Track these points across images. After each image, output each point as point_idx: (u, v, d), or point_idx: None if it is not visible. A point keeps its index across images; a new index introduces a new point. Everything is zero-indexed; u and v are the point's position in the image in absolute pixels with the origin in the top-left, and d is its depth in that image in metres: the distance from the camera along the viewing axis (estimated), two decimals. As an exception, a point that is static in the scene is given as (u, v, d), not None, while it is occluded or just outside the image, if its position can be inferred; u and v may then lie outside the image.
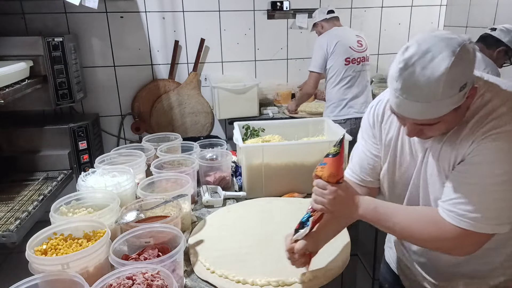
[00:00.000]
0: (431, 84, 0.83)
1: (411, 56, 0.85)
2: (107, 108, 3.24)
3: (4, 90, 2.00)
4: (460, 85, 0.84)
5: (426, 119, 0.90)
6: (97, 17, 3.01)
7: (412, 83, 0.85)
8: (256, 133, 2.04)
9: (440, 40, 0.85)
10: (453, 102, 0.86)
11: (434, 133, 0.96)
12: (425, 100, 0.86)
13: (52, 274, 1.00)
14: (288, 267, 1.19)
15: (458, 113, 0.91)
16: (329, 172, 1.04)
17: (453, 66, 0.82)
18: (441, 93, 0.84)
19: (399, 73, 0.87)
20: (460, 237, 0.93)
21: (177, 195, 1.35)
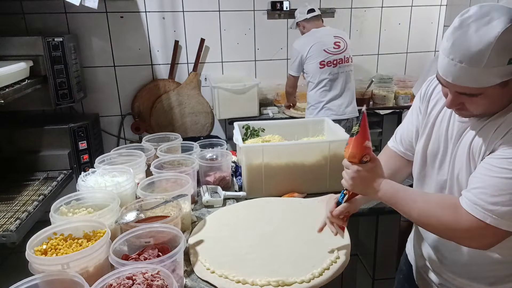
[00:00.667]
0: (481, 47, 0.82)
1: (469, 17, 0.85)
2: (107, 108, 3.24)
3: (4, 90, 2.00)
4: (510, 56, 0.82)
5: (468, 86, 0.88)
6: (97, 17, 3.01)
7: (462, 43, 0.84)
8: (256, 133, 2.04)
9: (503, 7, 0.83)
10: (499, 74, 0.84)
11: (475, 109, 0.93)
12: (471, 63, 0.84)
13: (52, 274, 1.00)
14: (288, 267, 1.19)
15: (503, 93, 0.88)
16: (350, 152, 1.07)
17: (507, 33, 0.80)
18: (488, 59, 0.82)
19: (452, 31, 0.86)
20: (476, 229, 0.91)
21: (177, 195, 1.35)
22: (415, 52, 3.63)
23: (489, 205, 0.89)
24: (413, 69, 3.65)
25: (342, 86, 2.85)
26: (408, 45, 3.60)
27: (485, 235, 0.91)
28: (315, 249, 1.28)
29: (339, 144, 1.69)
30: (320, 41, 2.79)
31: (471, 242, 0.96)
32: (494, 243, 0.94)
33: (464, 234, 0.95)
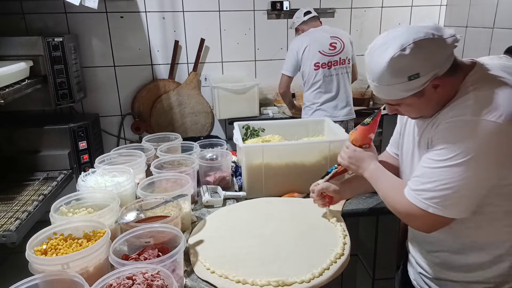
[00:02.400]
0: (380, 70, 0.98)
1: (373, 45, 1.03)
2: (107, 108, 3.24)
3: (4, 90, 2.00)
4: (408, 75, 0.95)
5: (387, 99, 1.06)
6: (97, 17, 3.02)
7: (370, 67, 1.02)
8: (256, 133, 2.04)
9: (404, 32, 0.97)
10: (404, 89, 0.98)
11: (408, 114, 1.11)
12: (379, 82, 1.01)
13: (52, 274, 1.00)
14: (288, 267, 1.19)
15: (423, 100, 1.01)
16: (354, 136, 1.29)
17: (397, 58, 0.95)
18: (388, 79, 0.98)
19: (366, 57, 1.04)
20: (412, 211, 1.03)
21: (177, 195, 1.35)
22: (415, 52, 3.63)
23: (420, 191, 1.01)
24: (413, 69, 3.65)
25: (337, 88, 2.83)
26: (408, 45, 3.60)
27: (420, 218, 1.03)
28: (315, 249, 1.28)
29: (339, 144, 1.69)
30: (315, 41, 2.77)
31: (412, 223, 1.11)
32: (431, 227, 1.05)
33: (405, 216, 1.09)
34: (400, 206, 1.08)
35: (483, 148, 0.93)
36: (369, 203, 1.61)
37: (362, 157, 1.26)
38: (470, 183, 0.95)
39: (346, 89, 2.88)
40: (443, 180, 0.96)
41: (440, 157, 0.97)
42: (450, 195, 0.96)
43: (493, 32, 2.87)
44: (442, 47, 0.96)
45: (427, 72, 0.95)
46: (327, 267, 1.19)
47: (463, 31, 3.27)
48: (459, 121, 0.95)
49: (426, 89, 0.98)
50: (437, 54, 0.96)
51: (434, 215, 0.99)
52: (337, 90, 2.84)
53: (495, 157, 0.94)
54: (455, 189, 0.96)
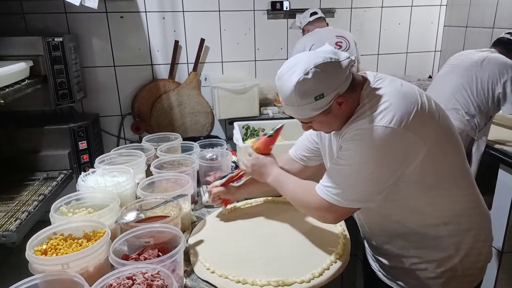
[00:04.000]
0: (289, 93, 1.08)
1: (282, 70, 1.12)
2: (107, 108, 3.24)
3: (4, 90, 1.99)
4: (314, 95, 1.06)
5: (300, 118, 1.16)
6: (97, 17, 3.01)
7: (281, 90, 1.12)
8: (256, 133, 2.04)
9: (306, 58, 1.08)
10: (313, 108, 1.09)
11: (321, 129, 1.21)
12: (289, 104, 1.11)
13: (52, 274, 1.00)
14: (288, 267, 1.19)
15: (331, 116, 1.12)
16: (257, 145, 1.41)
17: (302, 82, 1.05)
18: (298, 101, 1.08)
19: (276, 82, 1.14)
20: (322, 206, 1.15)
21: (177, 195, 1.35)
22: (415, 52, 3.63)
23: (327, 187, 1.14)
24: (413, 69, 3.65)
25: None
26: (408, 45, 3.60)
27: (329, 212, 1.15)
28: (315, 249, 1.28)
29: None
30: (321, 41, 2.77)
31: (319, 218, 1.23)
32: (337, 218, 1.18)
33: (314, 211, 1.22)
34: (311, 201, 1.19)
35: (378, 151, 1.05)
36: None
37: (264, 163, 1.38)
38: (370, 182, 1.08)
39: None
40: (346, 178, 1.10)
41: (344, 160, 1.10)
42: (350, 191, 1.10)
43: (493, 32, 2.87)
44: (339, 69, 1.07)
45: (330, 91, 1.06)
46: (327, 267, 1.19)
47: (463, 31, 3.27)
48: (359, 130, 1.07)
49: (332, 107, 1.09)
50: (336, 75, 1.07)
51: (339, 207, 1.12)
52: None
53: (390, 158, 1.06)
54: (357, 186, 1.09)
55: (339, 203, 1.12)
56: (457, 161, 1.17)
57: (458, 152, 1.17)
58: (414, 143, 1.05)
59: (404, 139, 1.05)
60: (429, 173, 1.10)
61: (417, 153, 1.06)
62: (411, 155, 1.06)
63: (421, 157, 1.06)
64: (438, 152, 1.09)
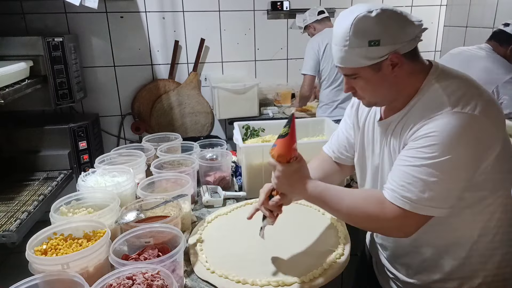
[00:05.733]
0: (343, 29, 0.97)
1: (343, 11, 1.01)
2: (107, 108, 3.24)
3: (4, 90, 2.00)
4: (369, 39, 0.95)
5: (344, 66, 1.02)
6: (97, 17, 3.01)
7: (336, 29, 1.01)
8: (256, 133, 2.04)
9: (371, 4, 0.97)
10: (364, 55, 0.96)
11: (363, 93, 1.06)
12: (339, 44, 0.99)
13: (52, 274, 1.00)
14: (288, 267, 1.19)
15: (379, 76, 0.99)
16: (278, 153, 1.10)
17: (360, 19, 0.95)
18: (350, 39, 0.96)
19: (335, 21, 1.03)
20: (399, 217, 0.97)
21: (177, 195, 1.35)
22: (415, 52, 3.62)
23: (406, 192, 0.96)
24: (413, 69, 3.65)
25: None
26: (408, 45, 3.60)
27: (407, 222, 0.98)
28: (315, 249, 1.28)
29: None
30: None
31: (397, 231, 1.03)
32: (415, 229, 1.00)
33: (390, 224, 1.01)
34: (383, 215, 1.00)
35: (464, 142, 0.92)
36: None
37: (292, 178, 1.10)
38: (454, 179, 0.94)
39: None
40: (428, 178, 0.93)
41: (422, 155, 0.94)
42: (436, 194, 0.94)
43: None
44: (406, 25, 0.97)
45: (388, 42, 0.95)
46: (327, 267, 1.19)
47: (463, 31, 3.27)
48: (437, 119, 0.93)
49: (383, 64, 0.97)
50: (401, 29, 0.97)
51: (418, 215, 0.96)
52: None
53: (475, 150, 0.94)
54: (441, 186, 0.94)
55: (420, 210, 0.95)
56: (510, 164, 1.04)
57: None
58: (494, 136, 0.95)
59: (486, 130, 0.93)
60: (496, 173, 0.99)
61: (495, 147, 0.96)
62: (490, 149, 0.95)
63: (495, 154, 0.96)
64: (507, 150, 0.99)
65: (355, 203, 1.05)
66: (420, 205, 0.95)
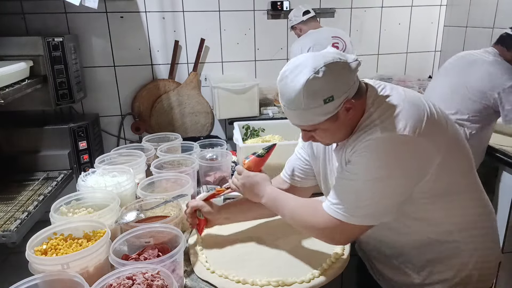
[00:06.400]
0: (296, 95, 0.98)
1: (285, 71, 1.02)
2: (107, 108, 3.24)
3: (4, 90, 1.99)
4: (323, 97, 0.97)
5: (303, 125, 1.06)
6: (97, 17, 3.01)
7: (284, 93, 1.01)
8: (256, 133, 2.04)
9: (312, 57, 1.00)
10: (320, 112, 0.99)
11: (323, 140, 1.11)
12: (294, 107, 1.01)
13: (52, 274, 1.00)
14: (288, 267, 1.19)
15: (337, 124, 1.03)
16: (247, 165, 1.29)
17: (312, 81, 0.96)
18: (305, 103, 0.98)
19: (278, 84, 1.04)
20: (331, 225, 1.05)
21: (177, 195, 1.35)
22: (415, 52, 3.62)
23: (336, 204, 1.04)
24: (413, 69, 3.64)
25: None
26: (408, 45, 3.60)
27: (339, 231, 1.06)
28: (315, 249, 1.28)
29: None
30: (318, 43, 2.75)
31: (328, 238, 1.11)
32: (348, 238, 1.11)
33: (322, 232, 1.10)
34: (317, 221, 1.09)
35: (394, 161, 0.98)
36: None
37: (256, 181, 1.24)
38: (386, 195, 1.01)
39: None
40: (359, 193, 1.01)
41: (355, 174, 1.02)
42: (364, 206, 1.02)
43: (493, 32, 2.87)
44: (349, 70, 1.00)
45: (340, 94, 0.98)
46: (327, 267, 1.19)
47: (463, 31, 3.27)
48: (370, 140, 0.99)
49: (340, 113, 1.01)
50: (346, 77, 1.00)
51: (350, 224, 1.03)
52: None
53: (406, 168, 0.99)
54: (372, 201, 1.01)
55: (351, 220, 1.03)
56: (467, 167, 1.12)
57: (468, 158, 1.12)
58: (429, 151, 0.99)
59: (419, 147, 0.98)
60: (444, 182, 1.04)
61: (433, 161, 1.00)
62: (427, 164, 1.00)
63: (436, 166, 1.01)
64: (451, 159, 1.03)
65: (296, 210, 1.16)
66: (352, 216, 1.02)
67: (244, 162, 1.30)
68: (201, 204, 1.32)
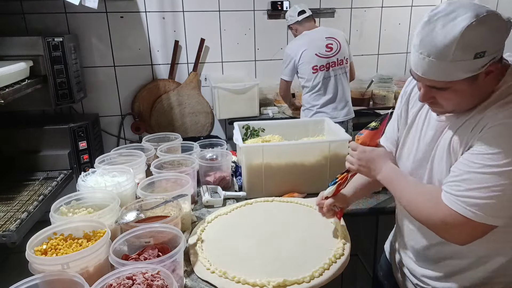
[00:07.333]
0: (446, 42, 0.85)
1: (437, 13, 0.89)
2: (107, 108, 3.24)
3: (4, 90, 1.99)
4: (476, 51, 0.84)
5: (437, 80, 0.91)
6: (97, 17, 3.01)
7: (430, 38, 0.87)
8: (256, 133, 2.04)
9: (470, 4, 0.86)
10: (465, 68, 0.86)
11: (446, 104, 0.96)
12: (438, 57, 0.87)
13: (52, 274, 1.00)
14: (288, 267, 1.19)
15: (472, 87, 0.90)
16: (362, 140, 1.19)
17: (471, 28, 0.83)
18: (453, 53, 0.84)
19: (421, 27, 0.90)
20: (451, 220, 0.93)
21: (177, 195, 1.35)
22: (415, 52, 3.62)
23: (464, 198, 0.90)
24: (413, 69, 3.64)
25: (336, 89, 2.83)
26: (408, 45, 3.60)
27: (460, 227, 0.93)
28: (315, 249, 1.28)
29: (339, 144, 1.69)
30: (312, 45, 2.76)
31: (448, 234, 0.97)
32: (471, 238, 0.95)
33: (440, 225, 0.96)
34: (435, 214, 0.96)
35: None
36: (369, 203, 1.61)
37: (372, 158, 1.14)
38: None
39: (344, 90, 2.88)
40: (495, 186, 0.87)
41: (491, 162, 0.87)
42: (498, 202, 0.88)
43: (493, 32, 2.87)
44: (506, 28, 0.88)
45: (492, 52, 0.86)
46: (327, 267, 1.19)
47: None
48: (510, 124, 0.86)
49: (480, 74, 0.88)
50: (503, 34, 0.87)
51: (477, 223, 0.90)
52: (336, 91, 2.83)
53: None
54: (505, 196, 0.87)
55: (481, 218, 0.89)
56: None
57: None
58: None
59: None
60: None
61: None
62: None
63: None
64: None
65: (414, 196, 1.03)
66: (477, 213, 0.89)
67: (358, 138, 1.21)
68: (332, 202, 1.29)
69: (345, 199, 1.33)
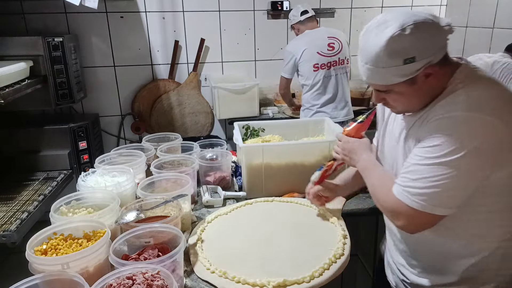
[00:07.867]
0: (377, 50, 0.93)
1: (370, 25, 0.98)
2: (107, 108, 3.24)
3: (4, 90, 1.99)
4: (404, 57, 0.92)
5: (378, 84, 1.00)
6: (97, 17, 3.01)
7: (366, 47, 0.97)
8: (256, 133, 2.04)
9: (403, 14, 0.94)
10: (399, 73, 0.94)
11: (396, 104, 1.05)
12: (374, 64, 0.96)
13: (52, 274, 1.00)
14: (288, 267, 1.19)
15: (414, 89, 0.97)
16: (347, 132, 1.31)
17: (396, 38, 0.91)
18: (384, 60, 0.93)
19: (361, 36, 1.00)
20: (398, 208, 1.00)
21: (177, 195, 1.35)
22: (415, 52, 3.62)
23: (409, 188, 0.98)
24: (413, 69, 3.65)
25: (336, 88, 2.83)
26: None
27: (406, 216, 1.00)
28: (315, 249, 1.28)
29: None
30: (313, 43, 2.76)
31: (398, 222, 1.04)
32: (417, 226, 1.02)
33: (391, 213, 1.05)
34: (386, 202, 1.05)
35: (477, 144, 0.90)
36: (369, 203, 1.61)
37: (354, 148, 1.25)
38: (461, 180, 0.93)
39: (344, 90, 2.88)
40: (434, 177, 0.94)
41: (431, 154, 0.94)
42: (439, 192, 0.94)
43: (493, 32, 2.87)
44: (439, 33, 0.95)
45: (423, 57, 0.93)
46: (327, 267, 1.19)
47: (463, 31, 3.27)
48: (452, 117, 0.93)
49: (418, 77, 0.95)
50: (434, 40, 0.94)
51: (420, 212, 0.96)
52: (336, 90, 2.83)
53: (488, 154, 0.92)
54: (445, 186, 0.93)
55: (424, 208, 0.95)
56: None
57: None
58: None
59: (504, 132, 0.90)
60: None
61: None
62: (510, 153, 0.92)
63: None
64: None
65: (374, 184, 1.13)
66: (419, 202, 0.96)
67: (345, 130, 1.33)
68: (318, 189, 1.42)
69: (334, 189, 1.44)
